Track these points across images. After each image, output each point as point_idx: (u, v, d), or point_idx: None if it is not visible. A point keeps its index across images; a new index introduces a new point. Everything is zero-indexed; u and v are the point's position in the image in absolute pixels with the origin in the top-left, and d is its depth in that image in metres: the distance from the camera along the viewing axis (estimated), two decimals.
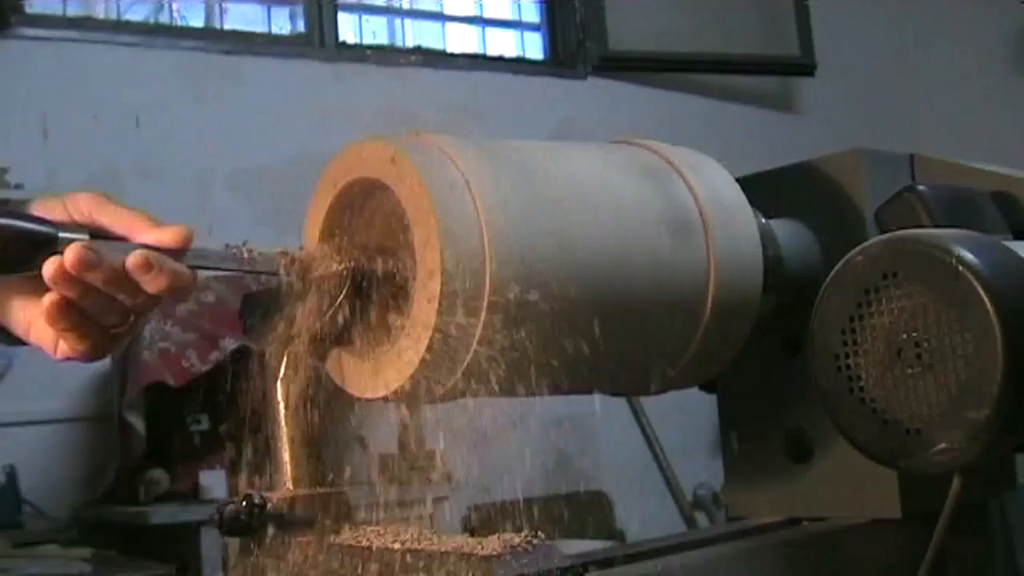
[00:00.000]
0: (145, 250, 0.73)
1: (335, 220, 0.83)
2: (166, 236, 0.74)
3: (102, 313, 0.75)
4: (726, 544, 0.95)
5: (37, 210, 0.78)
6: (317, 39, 4.10)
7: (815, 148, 1.13)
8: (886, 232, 0.84)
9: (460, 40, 4.52)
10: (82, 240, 0.73)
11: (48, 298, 0.74)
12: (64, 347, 0.78)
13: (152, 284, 0.74)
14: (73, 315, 0.74)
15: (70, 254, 0.71)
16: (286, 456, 0.79)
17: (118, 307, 0.75)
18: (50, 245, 0.73)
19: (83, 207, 0.77)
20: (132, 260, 0.73)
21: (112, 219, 0.76)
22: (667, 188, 0.88)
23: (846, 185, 1.01)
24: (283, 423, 0.79)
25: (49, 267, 0.72)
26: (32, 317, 0.79)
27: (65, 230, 0.74)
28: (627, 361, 0.89)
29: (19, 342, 0.84)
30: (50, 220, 0.75)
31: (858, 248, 0.80)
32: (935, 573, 0.81)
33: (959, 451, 0.74)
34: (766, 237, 0.93)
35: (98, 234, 0.74)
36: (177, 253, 0.74)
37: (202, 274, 0.79)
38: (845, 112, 4.93)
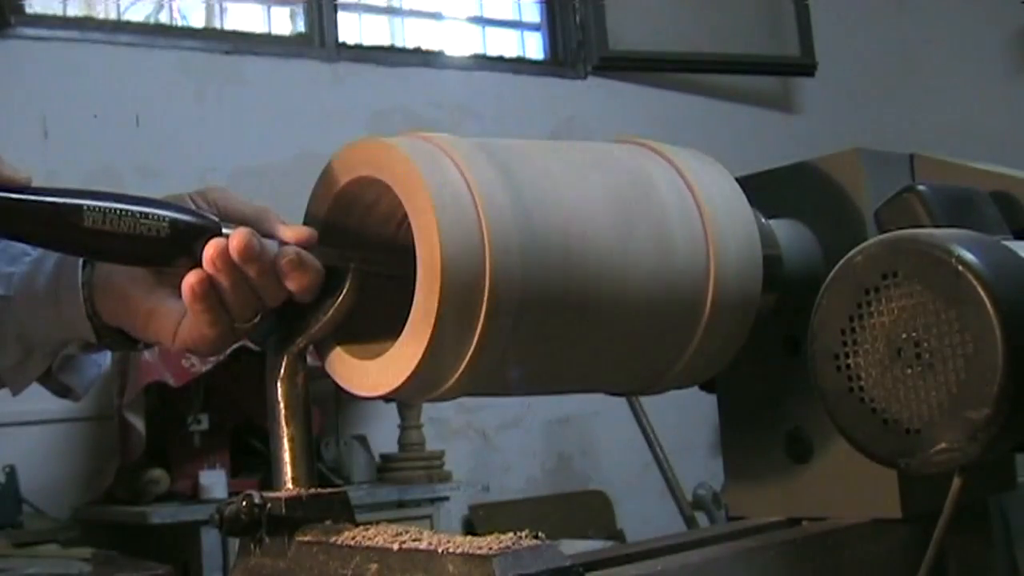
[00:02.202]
0: (298, 248, 0.76)
1: (335, 220, 0.83)
2: (297, 233, 0.78)
3: (239, 305, 0.77)
4: (726, 544, 0.95)
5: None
6: (317, 39, 4.10)
7: (815, 148, 1.13)
8: (886, 232, 0.84)
9: (460, 40, 4.52)
10: (247, 229, 0.75)
11: (194, 275, 0.75)
12: (184, 335, 0.79)
13: (296, 281, 0.76)
14: (213, 297, 0.76)
15: (236, 240, 0.74)
16: (286, 456, 0.79)
17: (254, 301, 0.78)
18: (212, 237, 0.75)
19: (212, 198, 0.80)
20: (288, 256, 0.76)
21: (241, 209, 0.80)
22: (667, 188, 0.88)
23: (846, 185, 1.01)
24: (283, 423, 0.79)
25: (212, 248, 0.74)
26: (156, 306, 0.80)
27: (227, 226, 0.76)
28: (627, 361, 0.89)
29: (124, 346, 0.86)
30: (212, 216, 0.77)
31: (858, 248, 0.80)
32: (935, 573, 0.81)
33: (959, 451, 0.74)
34: (766, 237, 0.93)
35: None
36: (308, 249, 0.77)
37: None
38: (845, 112, 4.93)
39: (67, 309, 0.85)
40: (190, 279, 0.75)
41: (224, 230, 0.76)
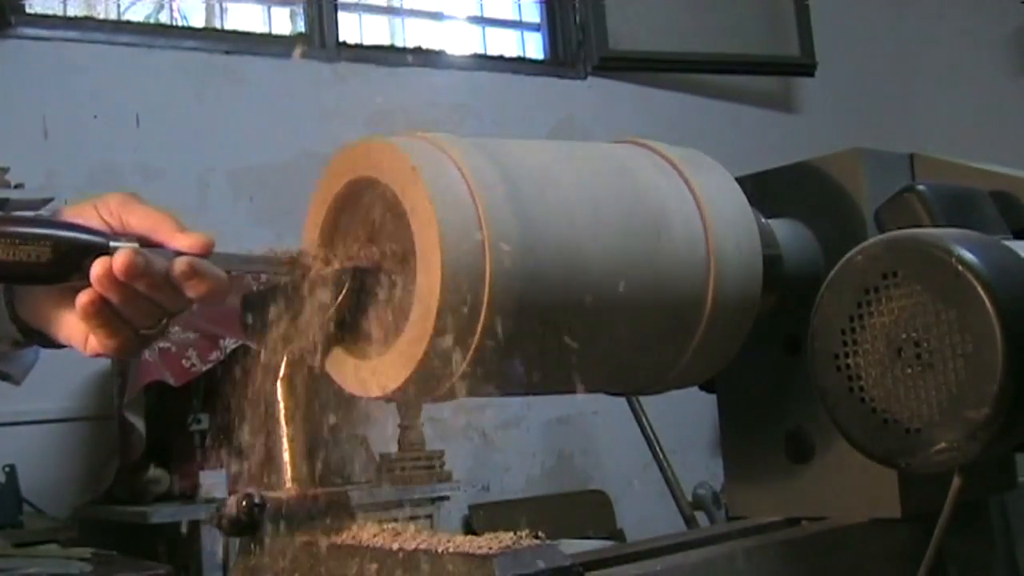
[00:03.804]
0: (191, 257, 0.76)
1: (335, 220, 0.83)
2: (191, 242, 0.76)
3: (137, 316, 0.77)
4: (726, 544, 0.95)
5: (70, 215, 0.80)
6: (317, 39, 4.10)
7: (815, 148, 1.13)
8: (886, 232, 0.84)
9: (460, 40, 4.52)
10: (132, 247, 0.74)
11: (85, 295, 0.76)
12: (94, 343, 0.80)
13: (194, 289, 0.76)
14: (106, 313, 0.76)
15: (120, 259, 0.73)
16: (286, 456, 0.79)
17: (154, 311, 0.78)
18: (101, 253, 0.74)
19: (113, 207, 0.79)
20: (178, 267, 0.75)
21: (139, 219, 0.78)
22: (667, 188, 0.88)
23: (846, 185, 1.01)
24: (283, 423, 0.79)
25: (97, 268, 0.74)
26: (65, 315, 0.81)
27: (116, 239, 0.76)
28: (627, 361, 0.89)
29: (50, 344, 0.87)
30: (101, 230, 0.77)
31: (858, 248, 0.81)
32: (935, 573, 0.81)
33: (959, 451, 0.74)
34: (766, 237, 0.93)
35: (145, 242, 0.76)
36: (204, 257, 0.76)
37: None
38: (845, 112, 4.93)
39: None
40: (80, 299, 0.76)
41: (114, 244, 0.75)
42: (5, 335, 0.88)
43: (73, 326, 0.80)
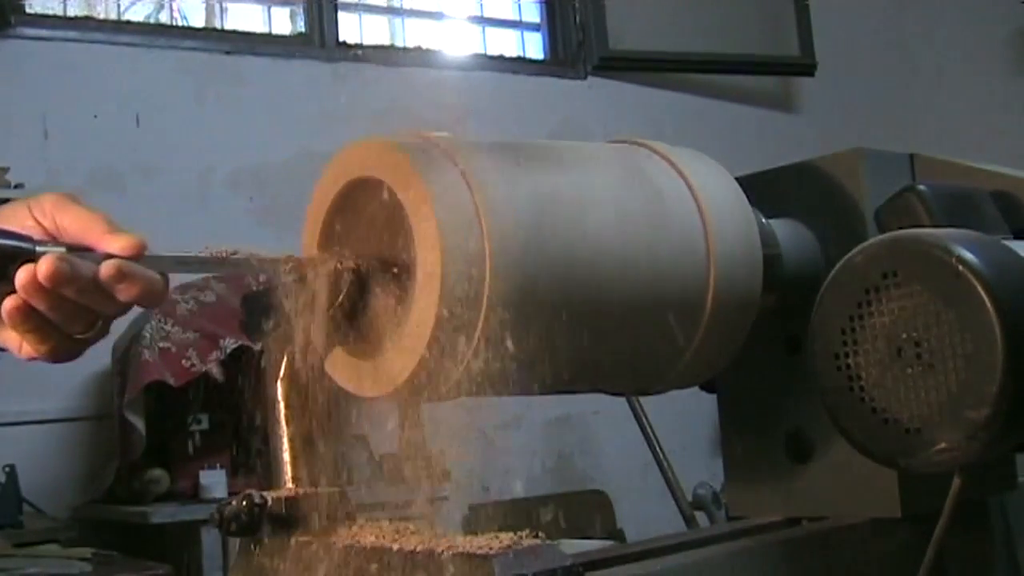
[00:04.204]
0: (118, 260, 0.73)
1: (335, 220, 0.83)
2: (121, 244, 0.74)
3: (67, 321, 0.76)
4: (726, 544, 0.95)
5: (4, 215, 0.78)
6: (317, 39, 4.10)
7: (815, 148, 1.13)
8: (886, 232, 0.84)
9: (460, 40, 4.51)
10: (59, 251, 0.73)
11: (10, 301, 0.74)
12: (27, 348, 0.78)
13: (125, 293, 0.74)
14: (35, 318, 0.75)
15: (44, 266, 0.72)
16: (286, 456, 0.79)
17: (85, 315, 0.76)
18: (28, 260, 0.72)
19: (47, 209, 0.77)
20: (105, 270, 0.73)
21: (71, 220, 0.76)
22: (667, 188, 0.88)
23: (846, 185, 1.01)
24: (283, 423, 0.79)
25: (22, 275, 0.72)
26: None
27: (43, 244, 0.74)
28: (627, 361, 0.89)
29: None
30: (27, 235, 0.75)
31: (858, 248, 0.81)
32: (935, 573, 0.81)
33: (959, 451, 0.74)
34: (766, 237, 0.93)
35: (75, 246, 0.74)
36: (134, 259, 0.74)
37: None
38: (845, 112, 4.93)
39: None
40: (6, 305, 0.74)
41: (40, 248, 0.73)
42: None
43: (8, 331, 0.78)
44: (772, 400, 1.04)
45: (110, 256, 0.74)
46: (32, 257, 0.73)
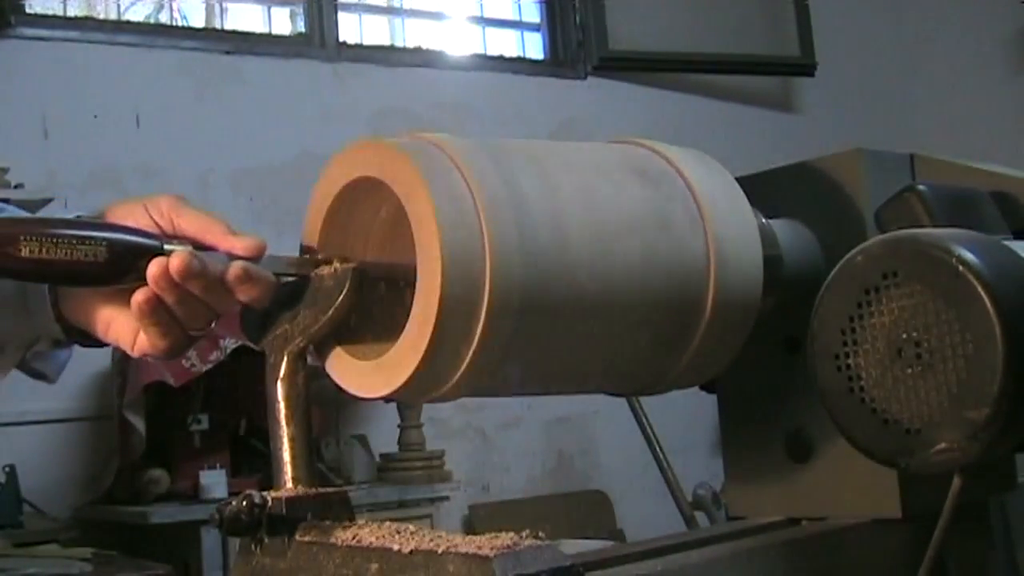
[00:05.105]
0: (245, 262, 0.78)
1: (335, 220, 0.83)
2: (244, 245, 0.78)
3: (189, 317, 0.79)
4: (726, 544, 0.95)
5: (119, 214, 0.81)
6: (317, 39, 4.10)
7: (815, 148, 1.13)
8: (886, 232, 0.84)
9: (460, 40, 4.52)
10: (187, 249, 0.77)
11: (142, 293, 0.77)
12: (143, 344, 0.81)
13: (246, 293, 0.78)
14: (161, 313, 0.78)
15: (176, 261, 0.75)
16: (286, 456, 0.79)
17: (204, 312, 0.79)
18: (156, 255, 0.76)
19: (164, 209, 0.81)
20: (234, 271, 0.77)
21: (189, 221, 0.80)
22: (667, 188, 0.88)
23: (846, 185, 1.01)
24: (283, 423, 0.79)
25: (154, 268, 0.76)
26: (114, 315, 0.82)
27: (169, 242, 0.78)
28: (627, 361, 0.89)
29: (90, 343, 0.88)
30: (154, 233, 0.79)
31: (858, 248, 0.80)
32: (935, 573, 0.81)
33: (959, 451, 0.74)
34: (766, 237, 0.93)
35: (196, 244, 0.78)
36: (255, 261, 0.79)
37: None
38: (845, 112, 4.93)
39: (36, 312, 0.87)
40: (137, 297, 0.77)
41: (168, 246, 0.77)
42: (47, 334, 0.89)
43: (123, 325, 0.82)
44: (772, 400, 1.04)
45: (233, 256, 0.78)
46: (160, 253, 0.76)
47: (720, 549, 0.93)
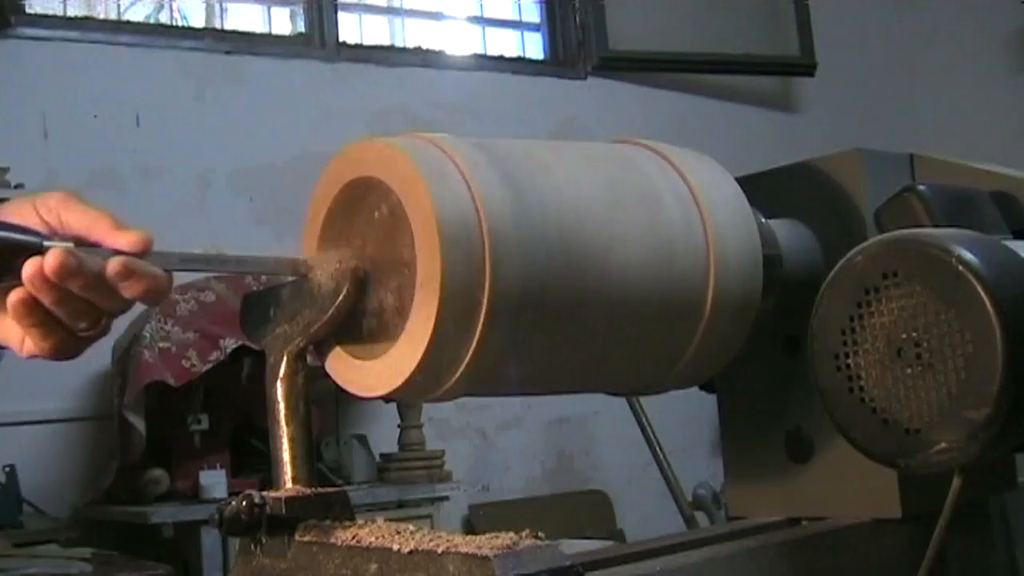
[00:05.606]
0: (125, 257, 0.73)
1: (335, 220, 0.83)
2: (128, 240, 0.74)
3: (72, 316, 0.76)
4: (726, 544, 0.95)
5: (9, 211, 0.78)
6: (317, 39, 4.10)
7: (815, 148, 1.13)
8: (886, 232, 0.84)
9: (460, 40, 4.52)
10: (66, 246, 0.73)
11: (15, 294, 0.74)
12: (30, 345, 0.78)
13: (130, 290, 0.74)
14: (40, 312, 0.75)
15: (51, 259, 0.71)
16: (286, 456, 0.79)
17: (90, 311, 0.76)
18: (35, 253, 0.73)
19: (52, 206, 0.77)
20: (112, 267, 0.73)
21: (76, 217, 0.76)
22: (667, 188, 0.88)
23: (846, 185, 1.01)
24: (283, 423, 0.79)
25: (28, 268, 0.72)
26: (2, 315, 0.78)
27: (50, 239, 0.74)
28: (627, 361, 0.89)
29: None
30: (35, 229, 0.75)
31: (858, 248, 0.81)
32: (935, 573, 0.81)
33: (959, 451, 0.74)
34: (766, 237, 0.93)
35: (82, 242, 0.74)
36: (140, 256, 0.75)
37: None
38: (845, 112, 4.93)
39: None
40: (11, 298, 0.74)
41: (47, 244, 0.73)
42: None
43: (9, 326, 0.78)
44: (772, 400, 1.04)
45: (117, 252, 0.74)
46: (39, 251, 0.73)
47: (720, 549, 0.93)
